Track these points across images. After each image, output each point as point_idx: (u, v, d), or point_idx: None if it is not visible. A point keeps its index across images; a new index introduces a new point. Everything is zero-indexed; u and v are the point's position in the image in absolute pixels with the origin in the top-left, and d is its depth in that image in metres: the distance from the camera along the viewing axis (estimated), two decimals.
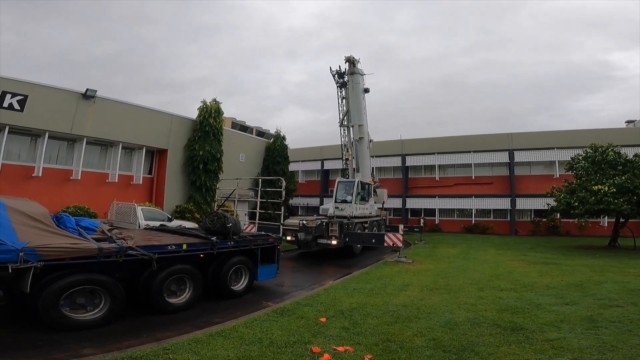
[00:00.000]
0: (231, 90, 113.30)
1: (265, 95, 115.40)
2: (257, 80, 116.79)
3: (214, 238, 7.24)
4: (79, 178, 17.54)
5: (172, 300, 6.56)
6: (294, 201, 32.88)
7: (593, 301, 7.11)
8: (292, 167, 31.23)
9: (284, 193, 9.70)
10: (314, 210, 30.66)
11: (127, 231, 7.59)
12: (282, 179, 10.63)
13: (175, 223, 13.59)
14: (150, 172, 21.11)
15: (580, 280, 9.32)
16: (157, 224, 11.30)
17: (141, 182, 19.74)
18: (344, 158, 20.17)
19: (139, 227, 12.75)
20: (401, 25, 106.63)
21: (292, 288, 9.15)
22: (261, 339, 4.98)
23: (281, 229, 9.42)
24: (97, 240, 5.91)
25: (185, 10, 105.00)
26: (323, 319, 5.92)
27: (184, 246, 6.70)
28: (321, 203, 31.09)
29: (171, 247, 6.50)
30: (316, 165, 36.00)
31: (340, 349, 4.67)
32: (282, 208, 9.67)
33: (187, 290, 6.79)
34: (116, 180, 18.54)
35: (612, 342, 4.82)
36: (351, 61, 18.75)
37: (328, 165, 34.50)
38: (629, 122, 30.23)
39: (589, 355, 4.41)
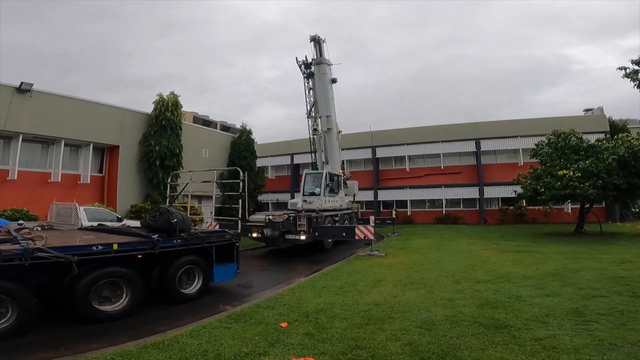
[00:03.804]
0: (203, 87, 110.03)
1: (239, 92, 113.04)
2: (230, 77, 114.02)
3: (155, 236, 6.22)
4: (16, 178, 15.67)
5: (105, 308, 5.68)
6: (264, 197, 31.73)
7: (574, 291, 6.67)
8: (261, 162, 30.15)
9: (241, 185, 8.71)
10: (284, 206, 29.64)
11: (43, 231, 6.45)
12: (239, 169, 9.62)
13: (126, 223, 12.26)
14: (100, 171, 19.35)
15: (556, 269, 8.98)
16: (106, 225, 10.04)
17: (89, 182, 17.95)
18: (312, 150, 19.39)
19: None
20: (376, 20, 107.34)
21: (256, 289, 8.29)
22: (206, 350, 4.17)
23: (239, 224, 8.44)
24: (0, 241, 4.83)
25: (150, 4, 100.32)
26: (284, 324, 5.10)
27: (115, 246, 5.69)
28: (292, 198, 30.13)
29: (97, 247, 5.47)
30: (286, 160, 34.96)
31: None
32: (240, 201, 8.67)
33: (124, 295, 5.90)
34: (59, 180, 16.74)
35: (608, 339, 4.26)
36: (316, 40, 17.84)
37: (298, 159, 33.52)
38: (587, 110, 31.33)
39: (588, 356, 3.81)
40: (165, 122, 19.67)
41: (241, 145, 25.66)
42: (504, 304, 5.94)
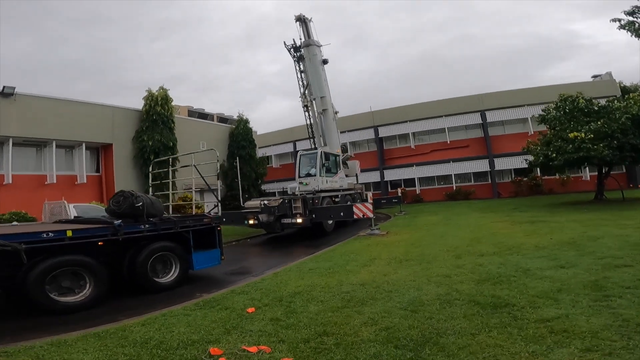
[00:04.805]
0: (207, 86, 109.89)
1: (242, 89, 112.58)
2: (232, 74, 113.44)
3: (117, 222, 5.70)
4: (11, 182, 15.59)
5: (67, 299, 5.32)
6: (270, 186, 31.29)
7: (594, 261, 5.76)
8: (265, 151, 29.55)
9: (218, 165, 8.16)
10: None
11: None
12: (215, 149, 9.07)
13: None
14: (97, 170, 19.24)
15: (572, 237, 8.06)
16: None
17: (86, 181, 17.79)
18: (311, 136, 18.69)
19: None
20: (373, 5, 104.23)
21: (244, 275, 7.75)
22: (150, 338, 3.77)
23: (219, 207, 7.93)
24: None
25: (144, 6, 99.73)
26: (251, 310, 4.57)
27: (69, 233, 5.23)
28: None
29: (47, 234, 5.01)
30: (289, 148, 34.31)
31: (252, 349, 3.33)
32: (219, 182, 8.13)
33: (88, 286, 5.47)
34: (55, 182, 16.60)
35: (634, 318, 3.40)
36: (302, 20, 16.96)
37: (300, 145, 32.76)
38: (595, 76, 29.65)
39: (608, 341, 3.01)
40: (156, 116, 19.40)
41: (239, 135, 25.20)
42: (508, 278, 5.16)
